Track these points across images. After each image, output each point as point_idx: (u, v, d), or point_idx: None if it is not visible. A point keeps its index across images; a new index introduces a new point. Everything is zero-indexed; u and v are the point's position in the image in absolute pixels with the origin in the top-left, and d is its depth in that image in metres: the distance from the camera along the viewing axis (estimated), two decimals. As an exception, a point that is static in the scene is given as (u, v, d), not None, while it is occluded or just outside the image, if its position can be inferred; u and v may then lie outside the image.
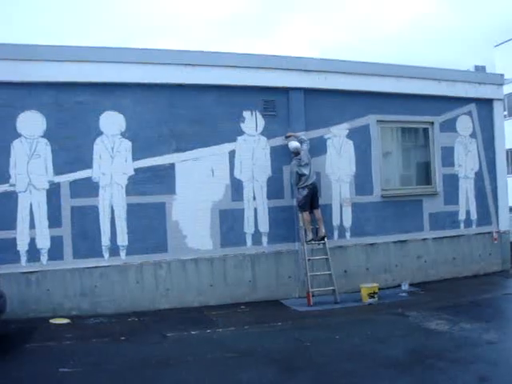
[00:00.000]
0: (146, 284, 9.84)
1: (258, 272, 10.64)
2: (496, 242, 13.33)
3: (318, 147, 11.24)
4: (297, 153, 10.59)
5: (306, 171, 10.54)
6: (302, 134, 10.89)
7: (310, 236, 10.60)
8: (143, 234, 9.85)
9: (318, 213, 10.73)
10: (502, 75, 13.96)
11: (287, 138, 10.83)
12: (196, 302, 10.08)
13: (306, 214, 10.59)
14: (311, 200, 10.61)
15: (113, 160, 9.77)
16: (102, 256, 9.65)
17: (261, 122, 10.81)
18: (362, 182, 11.66)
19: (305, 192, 10.51)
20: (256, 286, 10.61)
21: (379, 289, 10.62)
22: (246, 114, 10.71)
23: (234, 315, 9.50)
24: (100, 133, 9.73)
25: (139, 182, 9.88)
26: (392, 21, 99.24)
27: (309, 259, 10.53)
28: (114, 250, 9.71)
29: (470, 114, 13.08)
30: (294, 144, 10.61)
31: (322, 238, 10.67)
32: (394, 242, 11.92)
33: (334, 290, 10.40)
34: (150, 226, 9.90)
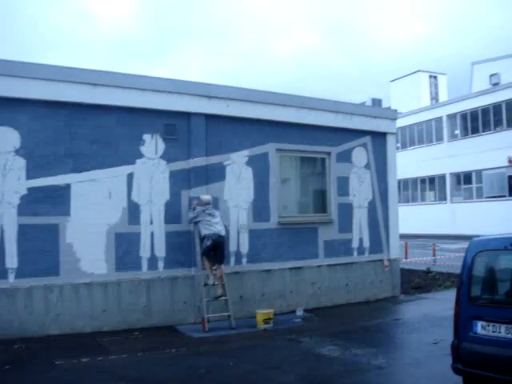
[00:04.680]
0: (35, 308, 9.74)
1: (153, 297, 10.81)
2: (387, 269, 14.31)
3: (218, 173, 11.67)
4: (207, 203, 10.95)
5: (213, 221, 10.80)
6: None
7: (212, 280, 10.82)
8: (34, 256, 9.76)
9: (220, 270, 10.92)
10: (395, 110, 15.17)
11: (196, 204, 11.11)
12: (88, 327, 10.08)
13: (207, 260, 10.83)
14: (214, 253, 10.80)
15: (4, 178, 9.66)
16: (-12, 279, 9.46)
17: (161, 146, 11.08)
18: (260, 208, 12.18)
19: (208, 242, 10.68)
20: (151, 311, 10.77)
21: (274, 314, 11.09)
22: (147, 136, 10.95)
23: (128, 341, 9.58)
24: (-9, 149, 9.61)
25: (32, 202, 9.82)
26: (280, 52, 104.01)
27: (205, 284, 10.83)
28: (2, 273, 9.55)
29: (365, 145, 14.06)
30: (206, 196, 11.04)
31: (217, 298, 10.81)
32: (290, 269, 12.51)
33: (229, 316, 10.73)
34: (42, 248, 9.83)
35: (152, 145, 11.00)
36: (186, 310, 11.14)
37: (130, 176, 10.76)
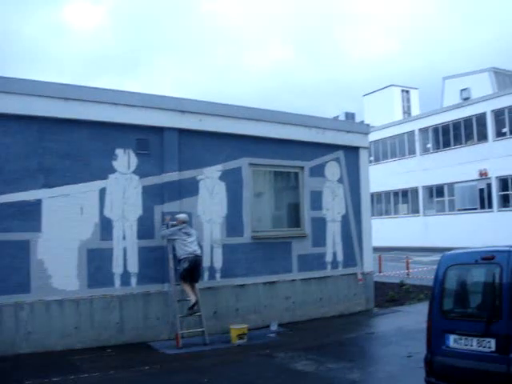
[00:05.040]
0: (4, 327, 9.59)
1: (126, 313, 10.73)
2: (361, 282, 14.41)
3: (191, 188, 11.69)
4: (183, 222, 10.94)
5: (189, 240, 10.79)
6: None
7: (194, 299, 10.71)
8: (4, 273, 9.63)
9: (196, 288, 10.91)
10: (368, 125, 15.35)
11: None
12: (60, 345, 9.95)
13: (186, 285, 10.80)
14: (191, 273, 10.79)
15: (-27, 194, 9.55)
16: (-43, 297, 9.31)
17: (133, 161, 11.07)
18: (234, 223, 12.21)
19: (185, 265, 10.68)
20: (124, 328, 10.69)
21: (249, 329, 11.10)
22: (119, 151, 10.92)
23: (100, 359, 9.50)
24: (-41, 164, 9.51)
25: (3, 217, 9.71)
26: (254, 66, 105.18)
27: (178, 300, 10.81)
28: (-30, 291, 9.42)
29: (338, 160, 14.20)
30: (183, 215, 11.03)
31: (192, 309, 10.71)
32: (264, 283, 12.54)
33: (203, 332, 10.71)
34: (12, 264, 9.70)
35: (125, 160, 10.98)
36: (160, 326, 11.07)
37: (103, 191, 10.70)
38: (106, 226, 10.67)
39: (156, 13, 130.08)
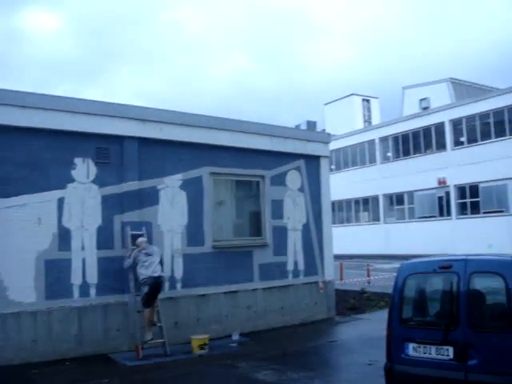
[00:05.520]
0: (-42, 341, 9.36)
1: (85, 325, 10.56)
2: (322, 291, 14.51)
3: (151, 197, 11.61)
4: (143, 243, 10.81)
5: (149, 261, 10.57)
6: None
7: (150, 336, 10.49)
8: (-42, 286, 9.39)
9: (157, 302, 10.79)
10: (329, 134, 15.51)
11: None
12: (17, 359, 9.73)
13: (148, 311, 10.58)
14: (154, 296, 10.62)
15: None
16: None
17: (93, 170, 10.94)
18: (194, 232, 12.17)
19: (146, 289, 10.50)
20: (83, 340, 10.51)
21: (210, 339, 11.06)
22: (78, 160, 10.79)
23: (59, 373, 9.34)
24: None
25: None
26: (215, 75, 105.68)
27: (138, 311, 10.69)
28: None
29: (298, 169, 14.31)
30: (142, 239, 10.89)
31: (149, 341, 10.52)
32: (225, 293, 12.52)
33: (164, 343, 10.61)
34: (-34, 277, 9.47)
35: (84, 169, 10.85)
36: (120, 338, 10.93)
37: (61, 201, 10.55)
38: (64, 237, 10.52)
39: (117, 20, 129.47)
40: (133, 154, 11.39)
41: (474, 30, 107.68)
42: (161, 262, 10.83)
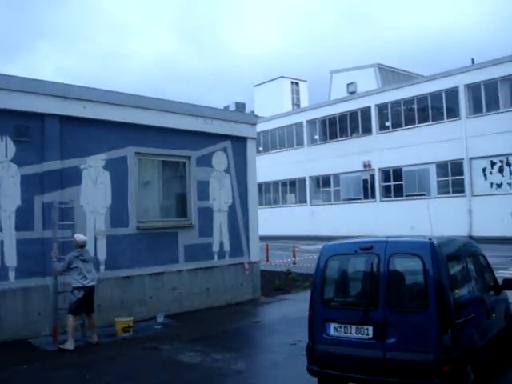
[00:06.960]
0: None
1: (3, 310, 10.26)
2: (247, 272, 14.68)
3: (74, 177, 11.36)
4: (82, 246, 10.21)
5: (87, 268, 10.11)
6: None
7: (72, 346, 9.77)
8: None
9: (93, 318, 10.30)
10: (255, 115, 15.60)
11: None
12: None
13: (74, 319, 9.97)
14: (86, 304, 10.16)
15: None
16: None
17: (11, 148, 10.58)
18: (118, 213, 12.02)
19: (80, 294, 9.98)
20: (2, 325, 10.19)
21: (135, 322, 11.04)
22: (-4, 138, 10.43)
23: (-25, 359, 9.04)
24: None
25: None
26: (138, 54, 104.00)
27: (58, 292, 10.40)
28: None
29: (225, 150, 14.35)
30: (82, 237, 10.33)
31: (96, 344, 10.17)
32: (150, 275, 12.46)
33: (83, 325, 10.36)
34: None
35: (1, 147, 10.48)
36: (41, 322, 10.69)
37: (-24, 181, 10.17)
38: (-20, 218, 10.15)
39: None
40: (54, 133, 11.08)
41: (394, 18, 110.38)
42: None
